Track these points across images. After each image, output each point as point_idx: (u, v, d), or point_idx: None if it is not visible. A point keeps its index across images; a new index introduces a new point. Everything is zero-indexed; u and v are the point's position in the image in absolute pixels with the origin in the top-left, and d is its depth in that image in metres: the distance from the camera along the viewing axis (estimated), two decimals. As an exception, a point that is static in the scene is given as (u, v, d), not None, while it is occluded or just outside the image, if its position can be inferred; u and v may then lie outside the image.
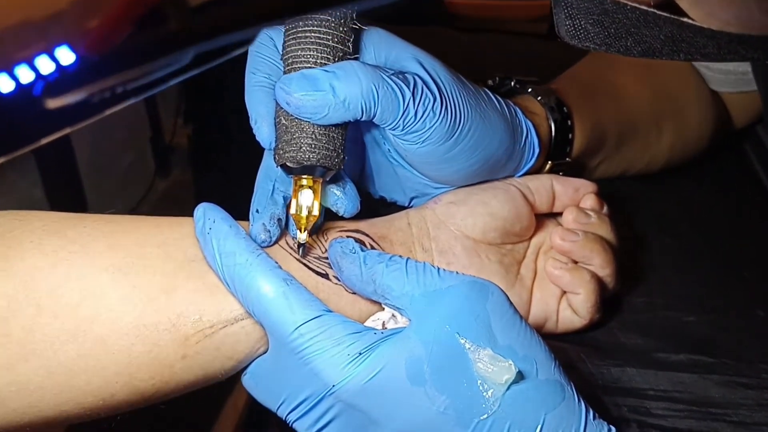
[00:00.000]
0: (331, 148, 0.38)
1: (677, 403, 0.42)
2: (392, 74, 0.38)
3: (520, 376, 0.33)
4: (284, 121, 0.38)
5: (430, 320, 0.34)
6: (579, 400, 0.34)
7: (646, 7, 0.28)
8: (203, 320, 0.35)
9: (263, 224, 0.38)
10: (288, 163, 0.37)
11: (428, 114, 0.38)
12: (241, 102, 0.40)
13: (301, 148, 0.37)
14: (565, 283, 0.44)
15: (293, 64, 0.37)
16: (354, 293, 0.38)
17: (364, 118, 0.38)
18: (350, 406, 0.33)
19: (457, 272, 0.36)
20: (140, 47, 0.20)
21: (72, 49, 0.20)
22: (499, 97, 0.44)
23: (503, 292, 0.36)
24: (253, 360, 0.37)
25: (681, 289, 0.51)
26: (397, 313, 0.37)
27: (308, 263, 0.39)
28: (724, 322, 0.48)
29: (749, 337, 0.47)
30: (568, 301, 0.45)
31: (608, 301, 0.47)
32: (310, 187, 0.38)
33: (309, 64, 0.37)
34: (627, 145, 0.56)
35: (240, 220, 0.38)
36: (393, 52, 0.41)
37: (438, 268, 0.36)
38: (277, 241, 0.38)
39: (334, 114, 0.37)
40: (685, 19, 0.27)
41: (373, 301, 0.38)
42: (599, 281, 0.45)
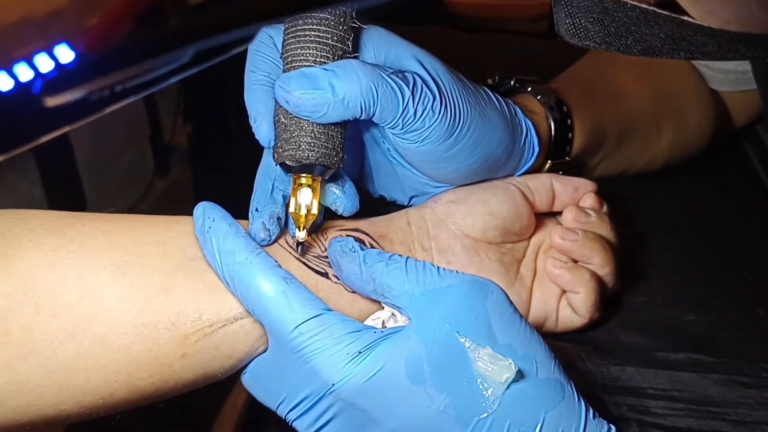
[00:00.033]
0: (330, 146, 0.38)
1: (677, 402, 0.42)
2: (392, 73, 0.38)
3: (519, 375, 0.33)
4: (283, 120, 0.38)
5: (429, 319, 0.34)
6: (579, 399, 0.34)
7: (646, 6, 0.28)
8: (202, 319, 0.35)
9: (263, 223, 0.38)
10: (287, 162, 0.37)
11: (428, 113, 0.38)
12: (241, 101, 0.40)
13: (300, 146, 0.37)
14: (564, 282, 0.44)
15: (293, 63, 0.37)
16: (353, 292, 0.38)
17: (363, 117, 0.37)
18: (350, 404, 0.33)
19: (456, 271, 0.36)
20: (140, 45, 0.20)
21: (71, 47, 0.20)
22: (498, 96, 0.44)
23: (503, 291, 0.36)
24: (253, 359, 0.37)
25: (681, 288, 0.51)
26: (396, 312, 0.37)
27: (308, 262, 0.39)
28: (724, 321, 0.48)
29: (749, 336, 0.47)
30: (568, 300, 0.45)
31: (608, 300, 0.47)
32: (309, 186, 0.38)
33: (308, 62, 0.37)
34: (627, 144, 0.56)
35: (239, 219, 0.38)
36: (392, 50, 0.41)
37: (438, 267, 0.36)
38: (276, 240, 0.38)
39: (333, 112, 0.37)
40: (685, 18, 0.27)
41: (373, 300, 0.38)
42: (599, 280, 0.45)
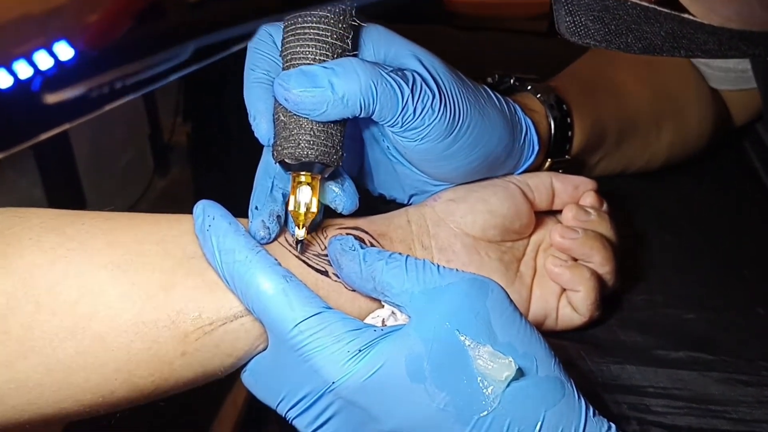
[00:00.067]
0: (330, 144, 0.37)
1: (677, 400, 0.42)
2: (391, 71, 0.38)
3: (520, 373, 0.33)
4: (283, 118, 0.38)
5: (429, 317, 0.34)
6: (579, 397, 0.34)
7: (646, 4, 0.28)
8: (202, 317, 0.35)
9: (262, 221, 0.37)
10: (286, 160, 0.37)
11: (427, 111, 0.38)
12: (240, 100, 0.40)
13: (299, 144, 0.37)
14: (564, 280, 0.44)
15: (292, 61, 0.37)
16: (353, 290, 0.38)
17: (362, 115, 0.37)
18: (350, 402, 0.33)
19: (456, 269, 0.36)
20: (139, 42, 0.19)
21: (71, 44, 0.20)
22: (498, 95, 0.44)
23: (503, 289, 0.36)
24: (253, 357, 0.37)
25: (681, 287, 0.51)
26: (396, 311, 0.37)
27: (308, 260, 0.39)
28: (724, 319, 0.48)
29: (749, 335, 0.47)
30: (568, 299, 0.45)
31: (608, 298, 0.47)
32: (308, 184, 0.38)
33: (308, 60, 0.37)
34: (627, 143, 0.56)
35: (239, 217, 0.38)
36: (392, 49, 0.41)
37: (438, 266, 0.36)
38: (276, 238, 0.38)
39: (332, 110, 0.37)
40: (686, 15, 0.27)
41: (373, 299, 0.38)
42: (599, 279, 0.45)
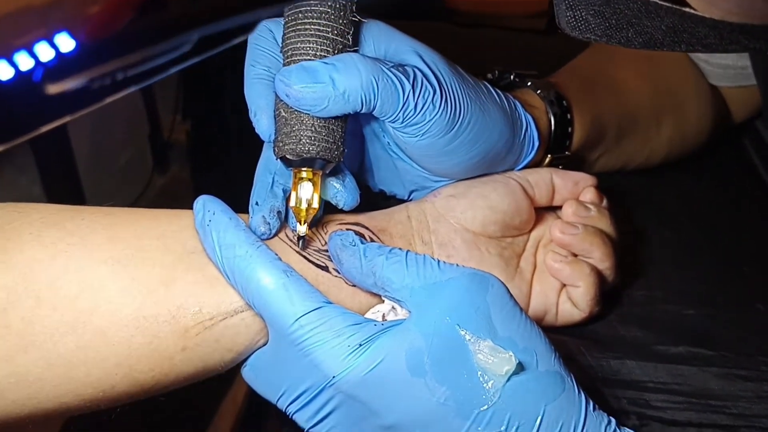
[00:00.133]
0: (331, 140, 0.37)
1: (676, 395, 0.42)
2: (392, 67, 0.38)
3: (520, 368, 0.33)
4: (284, 114, 0.38)
5: (430, 312, 0.34)
6: (579, 392, 0.34)
7: (647, -3, 0.28)
8: (203, 312, 0.35)
9: (263, 217, 0.37)
10: (288, 156, 0.37)
11: (428, 106, 0.38)
12: (240, 98, 0.40)
13: (300, 140, 0.37)
14: (564, 276, 0.44)
15: (293, 57, 0.37)
16: (354, 286, 0.38)
17: (364, 111, 0.37)
18: (350, 397, 0.33)
19: (457, 265, 0.36)
20: (140, 33, 0.19)
21: (72, 35, 0.20)
22: (498, 91, 0.44)
23: (503, 284, 0.36)
24: (253, 352, 0.37)
25: (680, 283, 0.51)
26: (397, 306, 0.37)
27: (308, 256, 0.39)
28: (724, 315, 0.48)
29: (748, 331, 0.47)
30: (568, 294, 0.45)
31: (608, 294, 0.47)
32: (309, 180, 0.38)
33: (309, 56, 0.37)
34: (627, 139, 0.56)
35: (239, 213, 0.38)
36: (392, 44, 0.41)
37: (438, 261, 0.36)
38: (276, 233, 0.38)
39: (333, 106, 0.37)
40: (686, 9, 0.27)
41: (373, 294, 0.38)
42: (599, 274, 0.45)
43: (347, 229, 0.40)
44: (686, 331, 0.47)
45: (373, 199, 0.45)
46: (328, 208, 0.41)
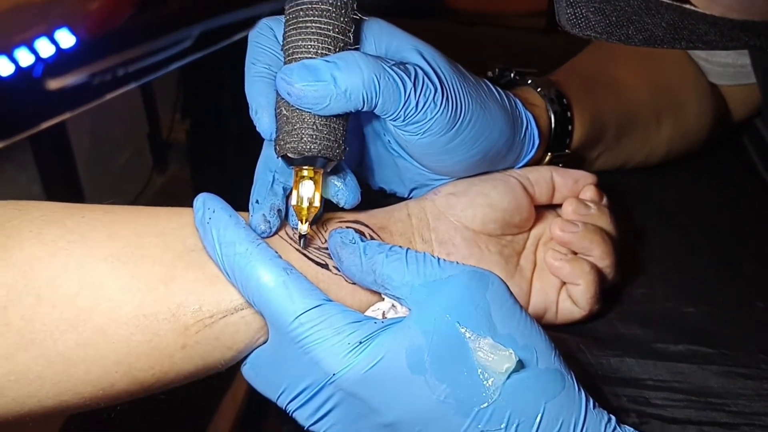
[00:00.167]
0: (332, 138, 0.37)
1: (676, 393, 0.42)
2: (393, 65, 0.38)
3: (520, 365, 0.33)
4: (285, 112, 0.37)
5: (430, 310, 0.34)
6: (579, 389, 0.34)
7: (647, -6, 0.28)
8: (203, 310, 0.35)
9: (263, 215, 0.37)
10: (289, 154, 0.37)
11: (429, 105, 0.38)
12: (240, 97, 0.40)
13: (302, 139, 0.37)
14: (564, 274, 0.44)
15: (294, 55, 0.37)
16: (354, 283, 0.38)
17: (365, 109, 0.37)
18: (350, 394, 0.33)
19: (457, 262, 0.36)
20: (140, 29, 0.19)
21: (72, 31, 0.20)
22: (499, 89, 0.44)
23: (503, 281, 0.36)
24: (253, 350, 0.37)
25: (680, 281, 0.51)
26: (397, 303, 0.37)
27: (308, 253, 0.38)
28: (724, 313, 0.48)
29: (748, 328, 0.47)
30: (568, 292, 0.45)
31: (608, 292, 0.47)
32: (311, 179, 0.38)
33: (310, 54, 0.37)
34: (626, 137, 0.56)
35: (239, 211, 0.37)
36: (393, 42, 0.40)
37: (438, 258, 0.36)
38: (276, 231, 0.38)
39: (335, 104, 0.36)
40: (687, 6, 0.27)
41: (373, 292, 0.38)
42: (599, 272, 0.45)
43: (347, 227, 0.40)
44: (686, 329, 0.47)
45: (374, 197, 0.45)
46: (328, 206, 0.41)
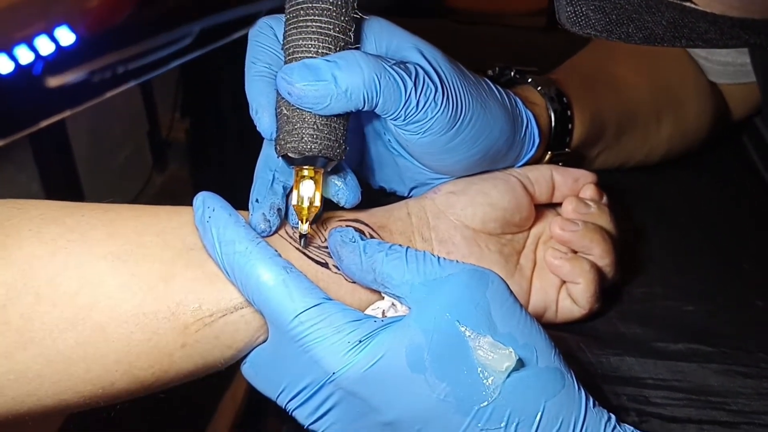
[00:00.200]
0: (333, 138, 0.37)
1: (676, 391, 0.42)
2: (394, 64, 0.38)
3: (520, 364, 0.33)
4: (285, 112, 0.37)
5: (430, 308, 0.34)
6: (579, 388, 0.34)
7: (647, -8, 0.28)
8: (202, 309, 0.35)
9: (263, 214, 0.37)
10: (290, 154, 0.37)
11: (430, 104, 0.38)
12: (239, 96, 0.40)
13: (302, 138, 0.37)
14: (564, 272, 0.44)
15: (294, 54, 0.37)
16: (353, 282, 0.38)
17: (366, 109, 0.37)
18: (350, 393, 0.33)
19: (457, 261, 0.36)
20: (140, 26, 0.19)
21: (72, 29, 0.20)
22: (499, 87, 0.44)
23: (503, 280, 0.36)
24: (253, 349, 0.37)
25: (680, 280, 0.51)
26: (396, 302, 0.37)
27: (308, 252, 0.38)
28: (723, 312, 0.48)
29: (748, 327, 0.47)
30: (568, 291, 0.45)
31: (608, 291, 0.47)
32: (311, 178, 0.38)
33: (310, 53, 0.37)
34: (626, 136, 0.56)
35: (238, 210, 0.37)
36: (394, 41, 0.40)
37: (438, 257, 0.36)
38: (276, 230, 0.38)
39: (335, 104, 0.36)
40: (687, 4, 0.27)
41: (373, 291, 0.38)
42: (599, 271, 0.45)
43: (347, 226, 0.40)
44: (686, 328, 0.47)
45: (373, 196, 0.45)
46: (327, 205, 0.40)
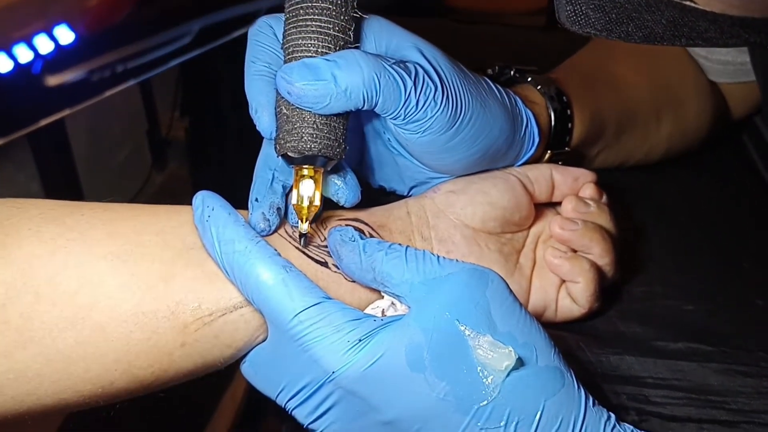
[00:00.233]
0: (333, 137, 0.37)
1: (676, 390, 0.42)
2: (393, 63, 0.38)
3: (519, 363, 0.33)
4: (285, 111, 0.37)
5: (429, 307, 0.34)
6: (578, 387, 0.34)
7: (647, -9, 0.28)
8: (202, 308, 0.35)
9: (262, 213, 0.37)
10: (289, 153, 0.37)
11: (429, 103, 0.38)
12: (239, 95, 0.39)
13: (302, 138, 0.37)
14: (564, 271, 0.44)
15: (294, 53, 0.37)
16: (353, 281, 0.38)
17: (365, 108, 0.37)
18: (350, 392, 0.33)
19: (456, 260, 0.36)
20: (139, 25, 0.19)
21: (71, 27, 0.20)
22: (499, 86, 0.44)
23: (503, 279, 0.36)
24: (252, 348, 0.37)
25: (680, 279, 0.51)
26: (396, 301, 0.37)
27: (307, 252, 0.38)
28: (723, 311, 0.48)
29: (748, 326, 0.47)
30: (568, 290, 0.45)
31: (607, 290, 0.47)
32: (311, 177, 0.38)
33: (310, 53, 0.37)
34: (626, 135, 0.56)
35: (238, 209, 0.37)
36: (393, 40, 0.40)
37: (437, 256, 0.36)
38: (276, 230, 0.38)
39: (335, 103, 0.36)
40: (687, 3, 0.27)
41: (372, 290, 0.38)
42: (598, 270, 0.45)
43: (347, 225, 0.40)
44: (686, 327, 0.47)
45: (373, 195, 0.45)
46: (327, 204, 0.40)
